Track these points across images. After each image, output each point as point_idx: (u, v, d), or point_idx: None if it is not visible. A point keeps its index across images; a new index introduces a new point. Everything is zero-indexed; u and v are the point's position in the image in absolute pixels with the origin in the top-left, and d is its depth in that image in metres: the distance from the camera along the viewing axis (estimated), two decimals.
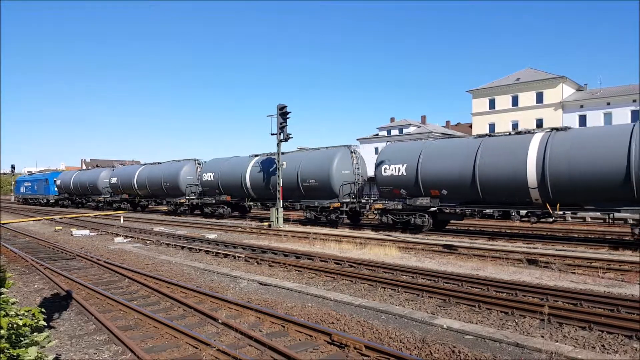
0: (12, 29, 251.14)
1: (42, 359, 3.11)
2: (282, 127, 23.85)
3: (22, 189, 61.27)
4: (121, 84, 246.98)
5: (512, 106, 59.89)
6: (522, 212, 17.18)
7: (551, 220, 16.84)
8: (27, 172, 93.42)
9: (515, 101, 59.78)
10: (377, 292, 9.65)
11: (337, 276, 11.12)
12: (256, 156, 28.33)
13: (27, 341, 3.10)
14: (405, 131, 70.21)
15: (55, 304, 8.99)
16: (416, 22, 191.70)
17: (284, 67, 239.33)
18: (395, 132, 71.97)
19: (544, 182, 15.70)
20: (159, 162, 37.27)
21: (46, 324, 3.48)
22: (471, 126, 66.93)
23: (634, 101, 51.04)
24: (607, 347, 6.18)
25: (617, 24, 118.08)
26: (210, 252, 15.50)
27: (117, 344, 6.59)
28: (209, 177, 30.17)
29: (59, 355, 6.24)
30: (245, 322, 7.49)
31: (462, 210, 18.86)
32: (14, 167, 77.50)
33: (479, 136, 18.78)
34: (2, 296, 3.34)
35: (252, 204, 29.08)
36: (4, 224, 27.76)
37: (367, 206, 21.91)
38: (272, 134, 24.47)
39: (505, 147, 17.09)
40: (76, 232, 22.46)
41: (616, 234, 18.21)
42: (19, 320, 3.22)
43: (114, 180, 39.70)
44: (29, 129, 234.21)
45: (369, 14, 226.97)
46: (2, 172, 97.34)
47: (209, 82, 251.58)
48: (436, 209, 19.31)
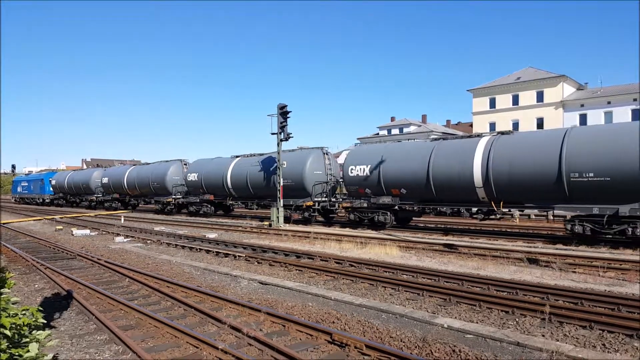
0: (12, 29, 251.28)
1: (42, 357, 3.11)
2: (282, 127, 23.85)
3: (19, 189, 62.51)
4: (121, 84, 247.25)
5: (513, 105, 59.90)
6: (474, 209, 18.40)
7: (498, 217, 18.42)
8: (28, 171, 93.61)
9: (515, 100, 59.79)
10: (378, 291, 9.65)
11: (338, 275, 11.12)
12: (237, 157, 29.71)
13: (26, 340, 3.11)
14: (405, 130, 70.23)
15: (55, 304, 9.00)
16: (417, 21, 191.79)
17: (284, 67, 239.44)
18: (395, 131, 71.99)
19: (488, 182, 16.99)
20: (148, 163, 38.88)
21: (45, 322, 3.48)
22: (472, 125, 66.93)
23: (635, 100, 51.03)
24: (608, 346, 6.17)
25: (618, 23, 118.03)
26: (210, 251, 15.50)
27: (117, 344, 6.59)
28: (193, 177, 31.41)
29: (58, 355, 6.25)
30: (246, 322, 7.50)
31: (420, 207, 20.17)
32: (14, 166, 77.53)
33: (434, 139, 20.55)
34: (4, 296, 3.34)
35: (233, 202, 30.11)
36: (4, 223, 27.79)
37: (336, 205, 23.33)
38: (273, 134, 24.49)
39: (455, 149, 18.44)
40: (77, 231, 22.47)
41: (556, 230, 19.31)
42: (19, 319, 3.23)
43: (105, 180, 40.95)
44: (29, 128, 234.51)
45: (369, 13, 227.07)
46: (2, 171, 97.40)
47: (209, 82, 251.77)
48: (397, 206, 20.59)
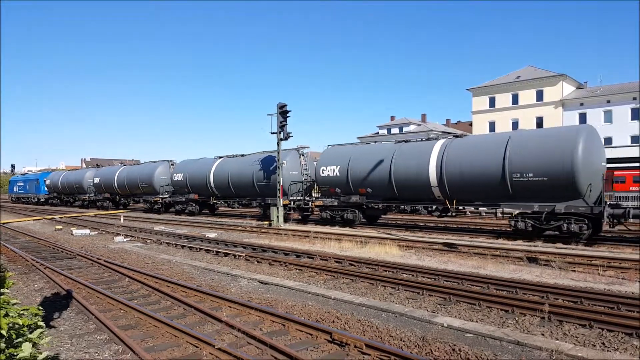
0: (12, 29, 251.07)
1: (36, 356, 3.10)
2: (282, 126, 23.85)
3: (15, 189, 63.93)
4: (121, 84, 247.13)
5: (512, 104, 59.89)
6: (431, 207, 19.73)
7: (454, 214, 19.61)
8: (27, 171, 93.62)
9: (515, 99, 59.78)
10: (378, 290, 9.65)
11: (338, 275, 11.12)
12: (220, 158, 30.91)
13: (19, 340, 3.10)
14: (405, 130, 70.21)
15: (55, 304, 8.99)
16: (416, 21, 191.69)
17: (284, 67, 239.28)
18: (395, 130, 71.98)
19: (442, 181, 18.30)
20: (137, 163, 40.83)
21: (43, 322, 3.47)
22: (471, 124, 66.91)
23: (634, 99, 51.02)
24: (608, 344, 6.18)
25: (617, 22, 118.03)
26: (210, 251, 15.50)
27: (117, 343, 6.59)
28: (179, 177, 32.56)
29: (58, 354, 6.24)
30: (245, 321, 7.50)
31: (384, 206, 21.42)
32: (13, 166, 77.69)
33: (397, 142, 21.45)
34: (3, 296, 3.33)
35: (216, 201, 31.03)
36: (4, 223, 27.77)
37: (310, 203, 24.60)
38: (272, 133, 24.48)
39: (414, 152, 19.72)
40: (76, 231, 22.45)
41: (504, 226, 20.20)
42: (19, 320, 3.22)
43: (97, 180, 42.17)
44: (29, 128, 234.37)
45: (369, 13, 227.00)
46: (2, 171, 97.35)
47: (209, 82, 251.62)
48: (364, 205, 21.82)
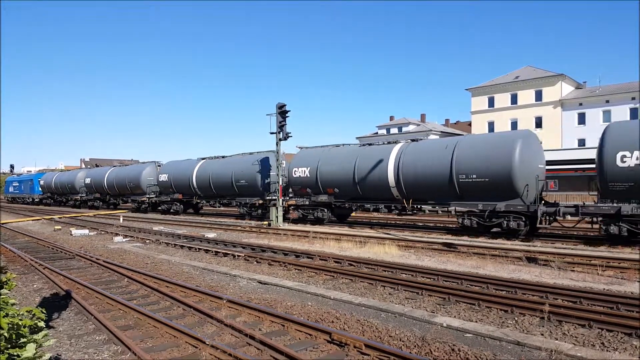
0: (12, 29, 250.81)
1: (40, 357, 3.10)
2: (281, 126, 23.84)
3: (11, 189, 65.66)
4: (121, 84, 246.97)
5: (511, 104, 59.93)
6: (393, 206, 20.91)
7: (411, 213, 21.42)
8: (27, 171, 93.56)
9: (514, 99, 59.82)
10: (377, 290, 9.65)
11: (337, 275, 11.11)
12: (203, 159, 32.24)
13: (24, 340, 3.10)
14: (404, 129, 70.25)
15: (54, 304, 8.98)
16: (416, 21, 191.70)
17: (283, 67, 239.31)
18: (394, 130, 72.01)
19: (399, 182, 19.81)
20: (125, 165, 42.89)
21: (45, 324, 3.48)
22: (470, 124, 66.95)
23: (633, 99, 51.09)
24: (607, 344, 6.18)
25: (617, 22, 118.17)
26: (209, 251, 15.49)
27: (116, 344, 6.58)
28: (164, 177, 33.87)
29: (59, 355, 6.24)
30: (245, 321, 7.49)
31: (350, 205, 22.88)
32: (13, 166, 77.64)
33: (361, 145, 23.23)
34: (3, 297, 3.33)
35: (199, 201, 32.46)
36: (3, 223, 27.74)
37: (284, 202, 25.14)
38: (272, 133, 24.48)
39: (375, 154, 21.08)
40: (75, 231, 22.43)
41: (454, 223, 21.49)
42: (19, 320, 3.22)
43: (88, 180, 43.79)
44: (28, 128, 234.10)
45: (369, 13, 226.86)
46: (1, 171, 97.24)
47: (209, 82, 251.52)
48: (333, 204, 23.30)
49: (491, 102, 61.81)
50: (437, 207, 19.57)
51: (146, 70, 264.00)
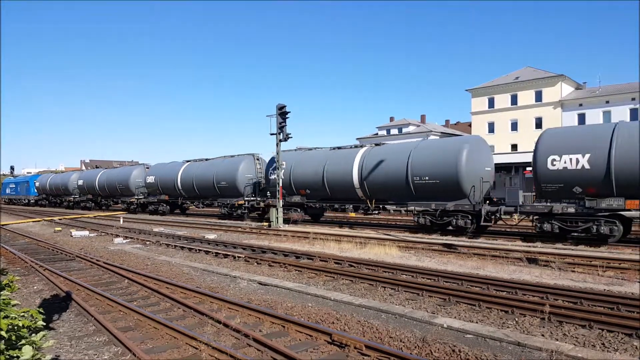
0: (12, 29, 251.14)
1: (40, 358, 3.10)
2: (281, 127, 23.86)
3: (8, 191, 67.04)
4: (121, 84, 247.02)
5: (511, 105, 59.87)
6: (357, 206, 22.28)
7: (376, 212, 23.01)
8: (27, 172, 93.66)
9: (514, 100, 59.77)
10: (377, 291, 9.64)
11: (337, 276, 11.11)
12: (187, 162, 33.71)
13: (23, 342, 3.10)
14: (404, 130, 70.20)
15: (54, 305, 8.98)
16: (416, 21, 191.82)
17: (283, 67, 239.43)
18: (394, 131, 71.96)
19: (363, 184, 21.37)
20: (116, 167, 45.27)
21: (45, 325, 3.47)
22: (470, 125, 66.92)
23: (633, 99, 51.07)
24: (608, 345, 6.18)
25: (617, 22, 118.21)
26: (210, 252, 15.49)
27: (117, 345, 6.58)
28: (151, 179, 35.36)
29: (59, 356, 6.23)
30: (245, 323, 7.49)
31: (321, 205, 24.45)
32: (13, 168, 77.97)
33: (331, 149, 24.48)
34: (3, 298, 3.33)
35: (184, 202, 33.99)
36: (3, 225, 27.74)
37: (261, 203, 26.95)
38: (272, 134, 24.51)
39: (342, 158, 22.77)
40: (76, 233, 22.44)
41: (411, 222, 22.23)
42: (19, 321, 3.21)
43: (81, 182, 45.50)
44: (28, 130, 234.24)
45: (368, 13, 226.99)
46: (1, 173, 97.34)
47: (209, 82, 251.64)
48: (305, 204, 24.70)
49: (491, 103, 61.76)
50: (398, 207, 21.10)
51: (146, 70, 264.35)
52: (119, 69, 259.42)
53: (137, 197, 37.46)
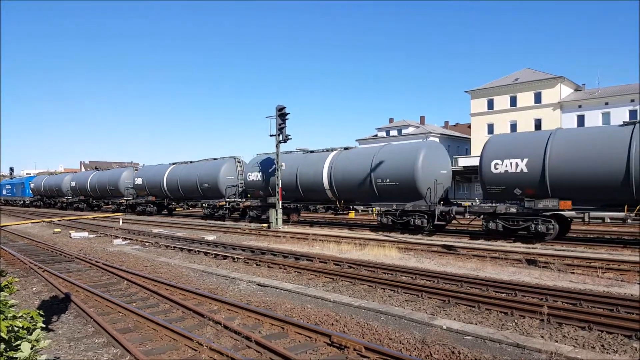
0: (11, 29, 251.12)
1: (36, 358, 3.10)
2: (281, 128, 23.85)
3: (4, 192, 68.55)
4: (121, 85, 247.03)
5: (511, 106, 59.95)
6: (329, 206, 23.50)
7: (346, 212, 24.40)
8: (26, 174, 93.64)
9: (513, 101, 59.84)
10: (377, 293, 9.64)
11: (337, 277, 11.11)
12: (173, 164, 35.03)
13: (20, 342, 3.10)
14: (404, 132, 70.25)
15: (53, 307, 8.97)
16: (415, 22, 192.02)
17: (283, 67, 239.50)
18: (394, 132, 72.00)
19: (332, 185, 22.65)
20: (107, 169, 46.94)
21: (44, 326, 3.47)
22: (470, 126, 66.98)
23: (632, 101, 51.14)
24: (607, 347, 6.18)
25: (616, 24, 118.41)
26: (209, 253, 15.48)
27: (116, 347, 6.57)
28: (139, 181, 36.53)
29: (57, 357, 6.22)
30: (244, 324, 7.48)
31: (295, 205, 26.06)
32: (12, 169, 78.14)
33: (305, 152, 25.72)
34: (2, 299, 3.33)
35: (169, 202, 35.22)
36: (2, 226, 27.72)
37: (241, 204, 28.16)
38: (271, 135, 24.49)
39: (313, 161, 24.03)
40: (75, 234, 22.41)
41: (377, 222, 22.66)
42: (18, 322, 3.21)
43: (73, 184, 47.13)
44: (28, 131, 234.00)
45: (368, 14, 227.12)
46: (1, 174, 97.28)
47: (209, 82, 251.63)
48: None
49: (490, 104, 61.82)
50: (364, 207, 22.13)
51: (147, 71, 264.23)
52: (119, 70, 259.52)
53: (126, 198, 38.86)
